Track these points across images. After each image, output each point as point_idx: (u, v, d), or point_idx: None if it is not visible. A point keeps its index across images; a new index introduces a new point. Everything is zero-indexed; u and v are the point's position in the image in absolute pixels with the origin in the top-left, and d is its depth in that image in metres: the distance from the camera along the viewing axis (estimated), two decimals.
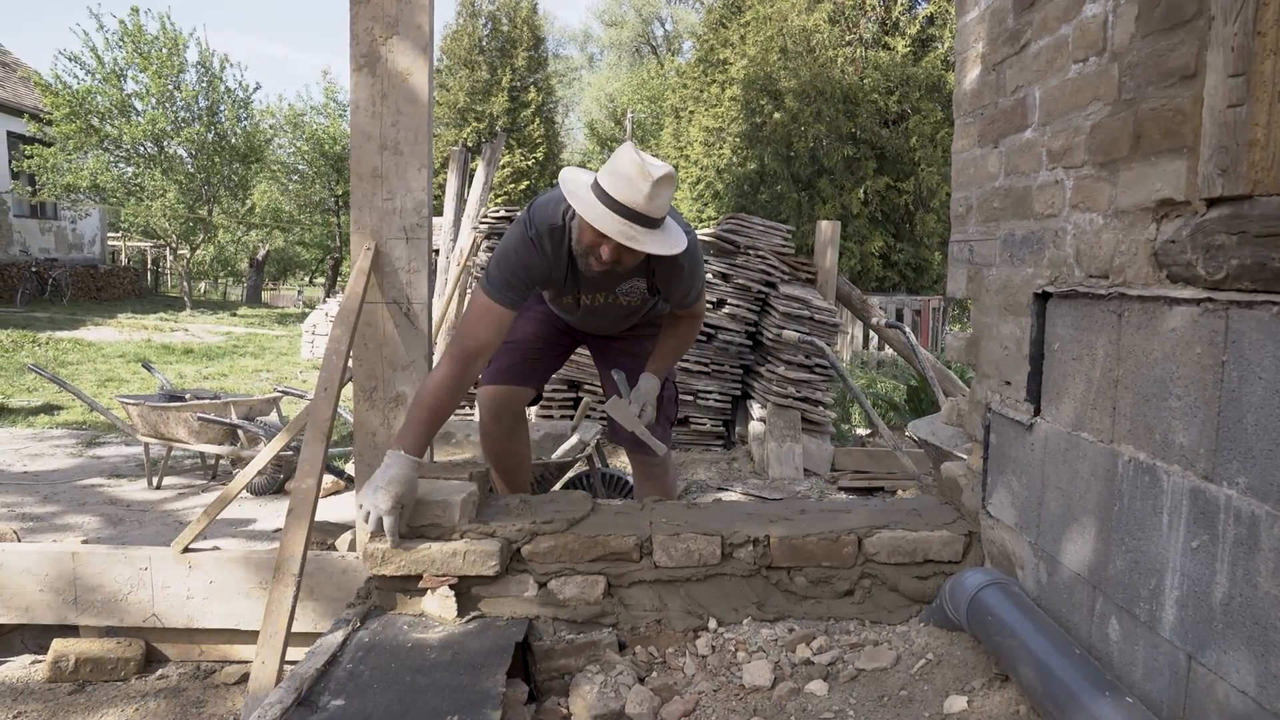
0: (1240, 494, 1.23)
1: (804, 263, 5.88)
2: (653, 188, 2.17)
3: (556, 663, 2.07)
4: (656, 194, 2.19)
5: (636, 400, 2.70)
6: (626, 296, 2.62)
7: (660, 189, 2.19)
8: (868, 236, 15.76)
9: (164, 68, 16.97)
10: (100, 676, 2.81)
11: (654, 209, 2.21)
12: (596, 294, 2.61)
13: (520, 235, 2.40)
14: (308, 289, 29.16)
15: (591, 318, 2.75)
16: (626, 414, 2.69)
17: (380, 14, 2.59)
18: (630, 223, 2.19)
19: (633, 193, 2.17)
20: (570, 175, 2.32)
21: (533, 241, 2.38)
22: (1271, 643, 1.18)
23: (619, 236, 2.19)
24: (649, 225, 2.23)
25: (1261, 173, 1.22)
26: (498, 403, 2.78)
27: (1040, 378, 1.84)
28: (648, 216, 2.21)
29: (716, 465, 5.32)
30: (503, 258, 2.40)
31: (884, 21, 16.69)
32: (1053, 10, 1.76)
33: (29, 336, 11.07)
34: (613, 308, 2.67)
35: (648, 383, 2.72)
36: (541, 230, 2.39)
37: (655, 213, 2.22)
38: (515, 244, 2.40)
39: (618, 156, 2.23)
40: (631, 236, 2.20)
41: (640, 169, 2.17)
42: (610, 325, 2.81)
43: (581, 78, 38.42)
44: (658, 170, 2.19)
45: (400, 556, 2.11)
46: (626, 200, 2.17)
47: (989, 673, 1.80)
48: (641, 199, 2.17)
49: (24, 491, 4.57)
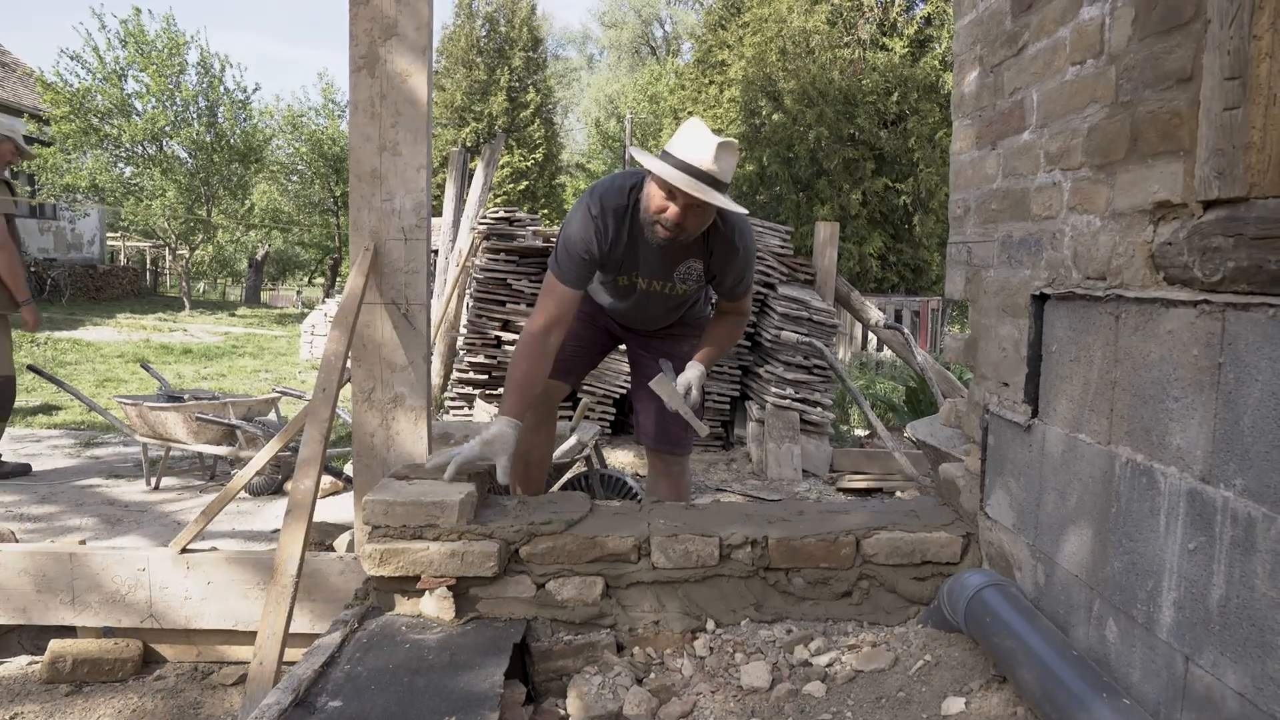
0: (1237, 496, 1.24)
1: (803, 264, 5.88)
2: (718, 149, 2.35)
3: (554, 664, 2.07)
4: (721, 155, 2.36)
5: (683, 383, 2.72)
6: (683, 282, 2.68)
7: (724, 152, 2.37)
8: (866, 237, 15.77)
9: (164, 67, 16.98)
10: (98, 677, 2.80)
11: (719, 170, 2.37)
12: (654, 280, 2.67)
13: (583, 215, 2.54)
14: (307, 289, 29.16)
15: (641, 308, 2.78)
16: (672, 391, 2.69)
17: (379, 15, 2.59)
18: (697, 180, 2.35)
19: (700, 153, 2.35)
20: (639, 151, 2.53)
21: (597, 220, 2.52)
22: (1268, 644, 1.18)
23: (688, 187, 2.33)
24: (714, 186, 2.37)
25: (1258, 175, 1.22)
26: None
27: (1038, 379, 1.84)
28: (713, 177, 2.36)
29: (715, 466, 5.32)
30: (567, 239, 2.54)
31: (882, 23, 16.71)
32: (1050, 13, 1.76)
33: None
34: (666, 297, 2.72)
35: (694, 369, 2.76)
36: (606, 207, 2.53)
37: (720, 175, 2.38)
38: (579, 224, 2.53)
39: (685, 127, 2.44)
40: (699, 189, 2.34)
41: (706, 134, 2.38)
42: (658, 318, 2.85)
43: (581, 79, 38.43)
44: (721, 137, 2.39)
45: (399, 557, 2.11)
46: (694, 160, 2.35)
47: (987, 674, 1.80)
48: (709, 158, 2.34)
49: (22, 491, 4.57)
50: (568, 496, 2.44)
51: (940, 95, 15.56)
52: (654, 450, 3.00)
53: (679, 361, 2.80)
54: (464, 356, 5.91)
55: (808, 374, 5.21)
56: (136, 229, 20.35)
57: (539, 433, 2.85)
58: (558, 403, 2.91)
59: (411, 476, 2.43)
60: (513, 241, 5.90)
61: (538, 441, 2.86)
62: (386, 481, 2.39)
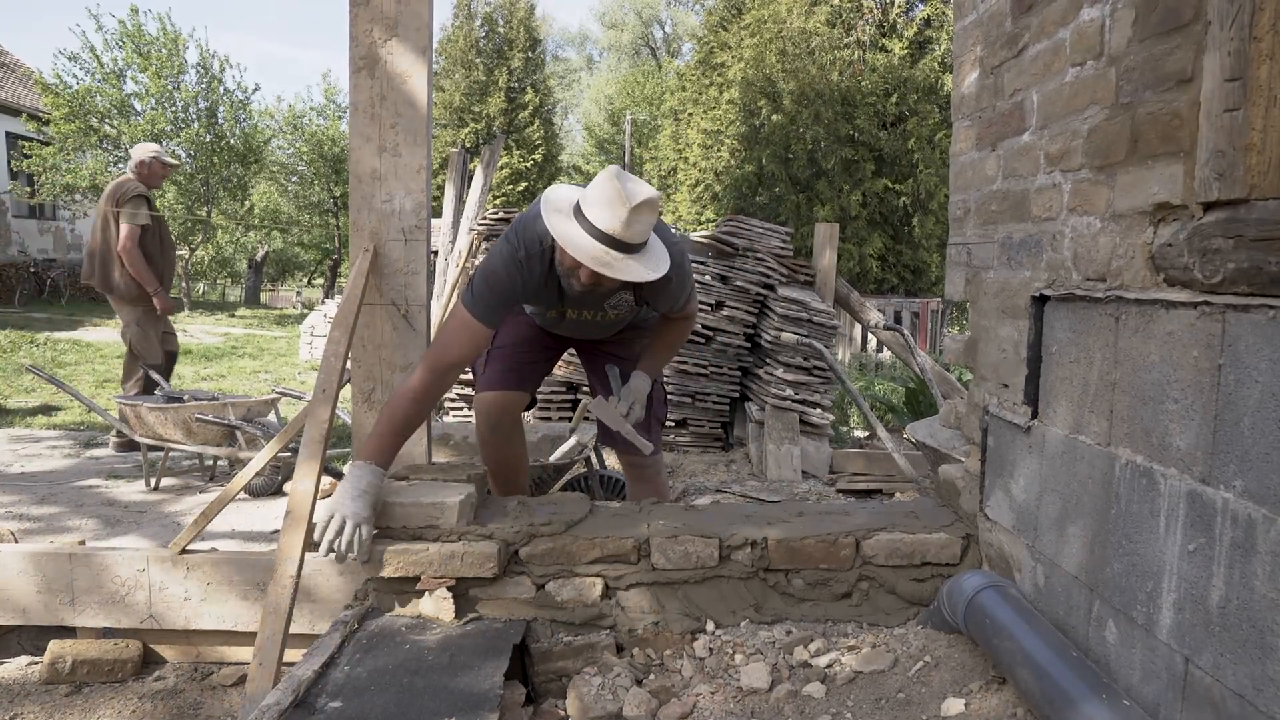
0: (1237, 497, 1.24)
1: (802, 265, 5.88)
2: (630, 214, 2.14)
3: (554, 665, 2.07)
4: (635, 220, 2.16)
5: (625, 398, 2.68)
6: (615, 310, 2.63)
7: (639, 215, 2.16)
8: (866, 238, 15.79)
9: (164, 68, 16.98)
10: (97, 678, 2.80)
11: (632, 235, 2.18)
12: (583, 310, 2.61)
13: (508, 256, 2.36)
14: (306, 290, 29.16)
15: (576, 330, 2.76)
16: (611, 413, 2.66)
17: (380, 16, 2.59)
18: (608, 249, 2.16)
19: (610, 219, 2.15)
20: (554, 195, 2.30)
21: (521, 263, 2.36)
22: (1268, 646, 1.18)
23: (594, 264, 2.16)
24: (628, 251, 2.20)
25: (1258, 177, 1.22)
26: (496, 409, 2.78)
27: (1038, 380, 1.84)
28: (626, 243, 2.18)
29: (714, 467, 5.32)
30: (490, 276, 2.36)
31: (881, 24, 16.72)
32: (1050, 14, 1.76)
33: (27, 337, 11.05)
34: (598, 323, 2.68)
35: (638, 380, 2.69)
36: (531, 251, 2.36)
37: (634, 239, 2.19)
38: (503, 264, 2.36)
39: (597, 182, 2.20)
40: (607, 263, 2.17)
41: (619, 195, 2.14)
42: (598, 334, 2.82)
43: (580, 80, 38.43)
44: (636, 197, 2.15)
45: (398, 558, 2.10)
46: (604, 226, 2.15)
47: (986, 675, 1.80)
48: (619, 225, 2.15)
49: (21, 492, 4.56)
50: (567, 498, 2.44)
51: (940, 96, 15.58)
52: (622, 455, 3.00)
53: (631, 364, 2.76)
54: None
55: (807, 375, 5.21)
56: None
57: (511, 444, 2.83)
58: (519, 412, 2.85)
59: (411, 477, 2.43)
60: None
61: (514, 453, 2.84)
62: (386, 483, 2.39)
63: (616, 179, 2.17)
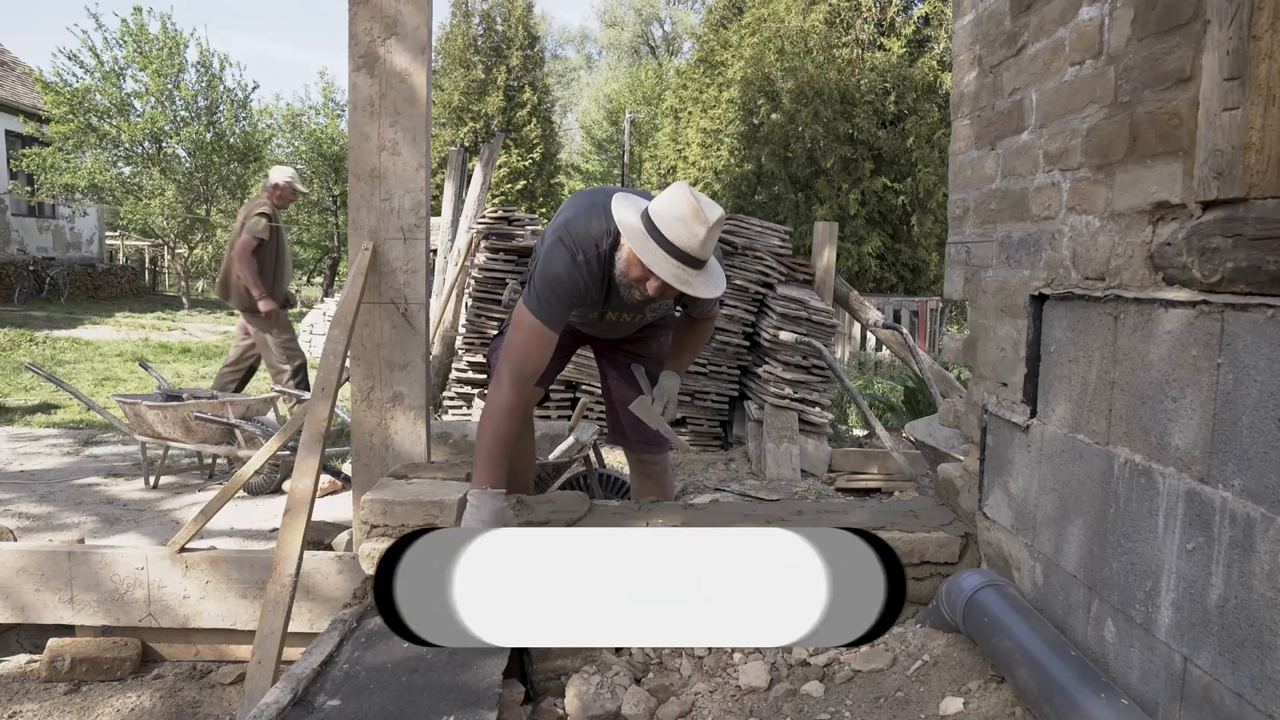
0: (1236, 496, 1.24)
1: (801, 264, 5.88)
2: (708, 233, 2.19)
3: (553, 663, 2.07)
4: (710, 238, 2.21)
5: (660, 398, 2.71)
6: (654, 312, 2.65)
7: (714, 233, 2.22)
8: (865, 237, 15.78)
9: (164, 66, 16.96)
10: (96, 676, 2.80)
11: (705, 253, 2.23)
12: (624, 312, 2.61)
13: (568, 259, 2.34)
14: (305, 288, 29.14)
15: (608, 330, 2.77)
16: (652, 413, 2.69)
17: (379, 15, 2.59)
18: (683, 266, 2.21)
19: (688, 237, 2.19)
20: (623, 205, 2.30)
21: (581, 266, 2.36)
22: (1266, 645, 1.18)
23: (674, 281, 2.21)
24: (699, 267, 2.25)
25: (1257, 176, 1.22)
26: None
27: (1037, 379, 1.84)
28: (699, 259, 2.23)
29: (714, 466, 5.32)
30: (553, 281, 2.34)
31: (880, 22, 16.71)
32: (1050, 13, 1.76)
33: (26, 335, 11.05)
34: (634, 322, 2.70)
35: (670, 380, 2.73)
36: (589, 255, 2.36)
37: (705, 256, 2.25)
38: (565, 268, 2.35)
39: (674, 198, 2.23)
40: (685, 281, 2.22)
41: (695, 212, 2.18)
42: (624, 333, 2.83)
43: (580, 78, 38.42)
44: (712, 214, 2.20)
45: None
46: (681, 244, 2.19)
47: (985, 674, 1.80)
48: (696, 244, 2.19)
49: (20, 490, 4.56)
50: (566, 496, 2.44)
51: (938, 95, 15.57)
52: (632, 451, 3.00)
53: (649, 362, 2.79)
54: (462, 356, 5.91)
55: (806, 374, 5.21)
56: (135, 228, 20.31)
57: (521, 440, 2.82)
58: (532, 408, 2.85)
59: (410, 476, 2.43)
60: (511, 241, 5.90)
61: (521, 449, 2.83)
62: (385, 481, 2.39)
63: (692, 196, 2.21)
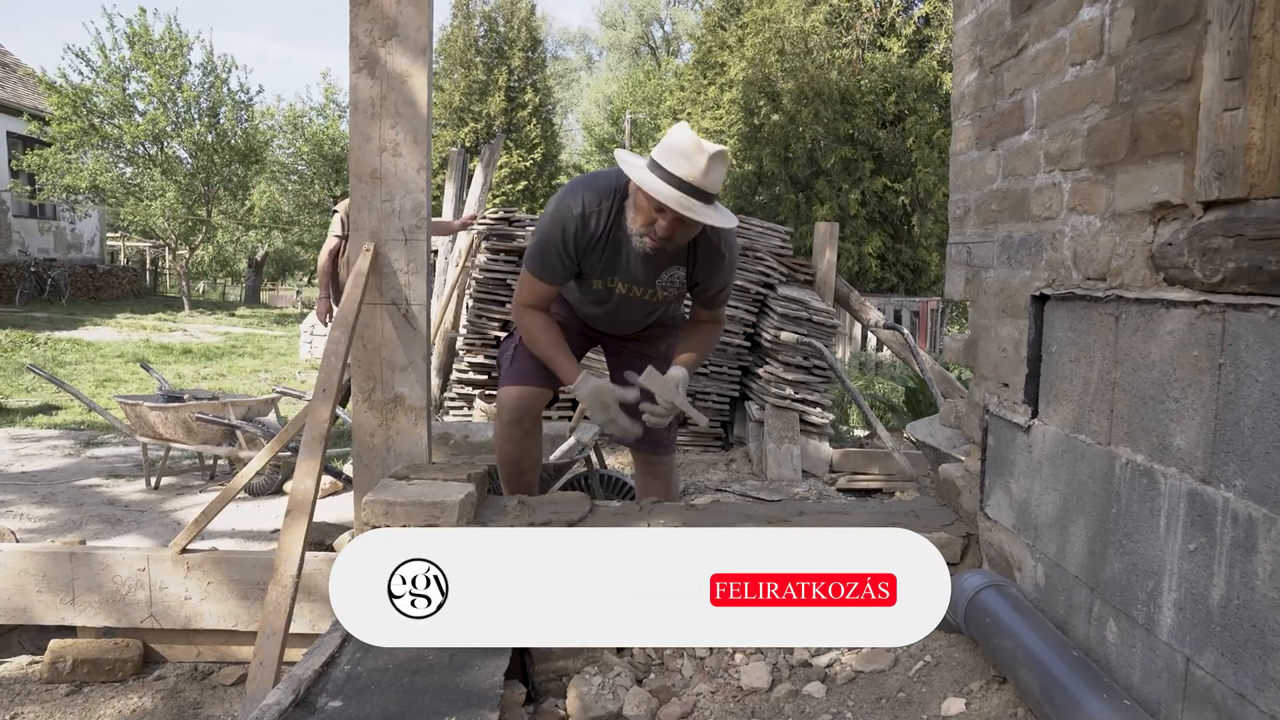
0: (1237, 496, 1.24)
1: (802, 264, 5.88)
2: (709, 162, 2.27)
3: (554, 664, 2.07)
4: (712, 168, 2.29)
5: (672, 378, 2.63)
6: (665, 289, 2.64)
7: (715, 164, 2.29)
8: (865, 237, 15.78)
9: (167, 68, 16.97)
10: (98, 677, 2.80)
11: (709, 183, 2.30)
12: (634, 286, 2.62)
13: (564, 213, 2.46)
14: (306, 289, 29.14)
15: (618, 313, 2.75)
16: (664, 384, 2.55)
17: (380, 16, 2.59)
18: (688, 195, 2.29)
19: (690, 167, 2.27)
20: (626, 156, 2.43)
21: (579, 220, 2.46)
22: (1269, 645, 1.18)
23: (678, 207, 2.28)
24: (705, 200, 2.32)
25: (1258, 176, 1.22)
26: (520, 404, 2.76)
27: (1038, 380, 1.84)
28: (704, 190, 2.30)
29: (714, 466, 5.32)
30: (545, 236, 2.50)
31: (880, 23, 16.71)
32: (1050, 13, 1.76)
33: (27, 336, 11.06)
34: (645, 303, 2.68)
35: (678, 370, 2.68)
36: (589, 210, 2.46)
37: (710, 187, 2.32)
38: (558, 221, 2.47)
39: (674, 135, 2.33)
40: (690, 207, 2.29)
41: (696, 145, 2.28)
42: (634, 322, 2.82)
43: (580, 79, 38.42)
44: (712, 147, 2.29)
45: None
46: (684, 175, 2.28)
47: (987, 675, 1.80)
48: (698, 173, 2.27)
49: (22, 492, 4.57)
50: (568, 497, 2.44)
51: (938, 95, 15.57)
52: (638, 452, 3.00)
53: (658, 362, 2.75)
54: (464, 357, 5.91)
55: (807, 374, 5.21)
56: (136, 229, 20.31)
57: (528, 440, 2.82)
58: (542, 409, 2.85)
59: (411, 477, 2.43)
60: (512, 241, 5.90)
61: (528, 449, 2.83)
62: (386, 482, 2.39)
63: (691, 133, 2.32)
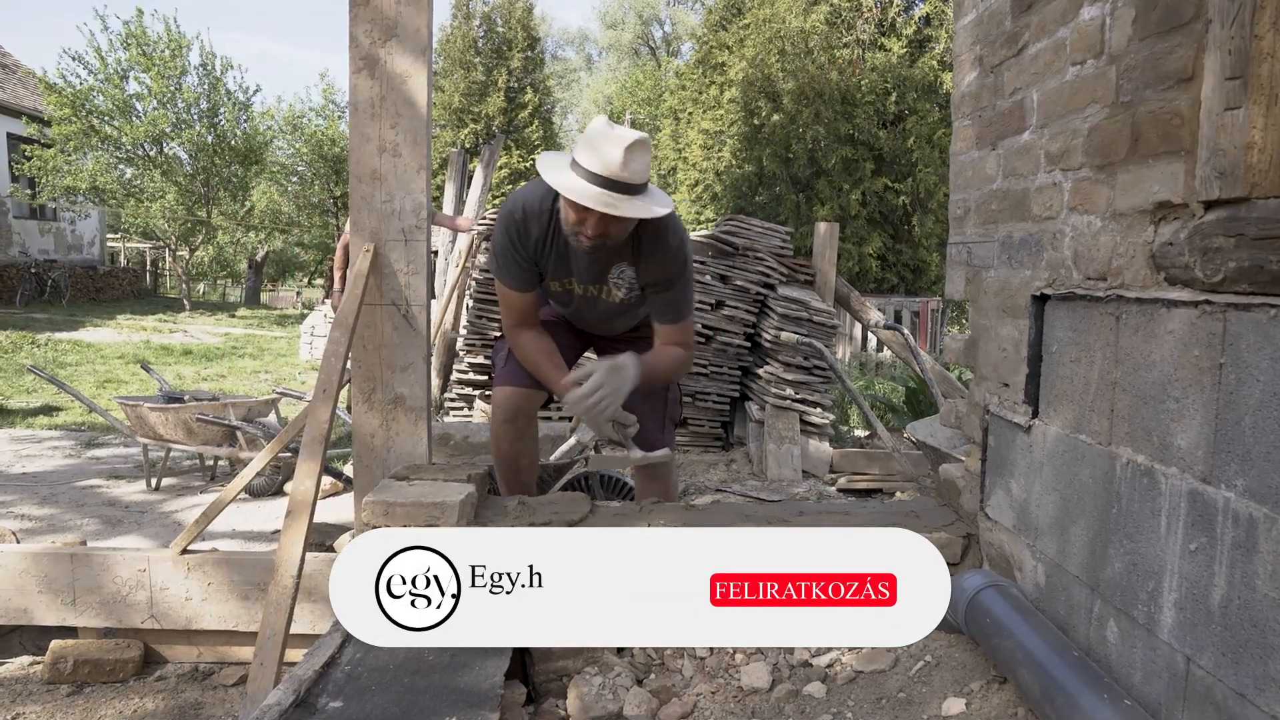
0: (1238, 496, 1.23)
1: (802, 264, 5.88)
2: (625, 153, 2.19)
3: (555, 664, 2.06)
4: (631, 159, 2.20)
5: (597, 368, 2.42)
6: (618, 287, 2.61)
7: (635, 153, 2.21)
8: (866, 238, 15.77)
9: (166, 69, 16.97)
10: (99, 678, 2.80)
11: (631, 174, 2.22)
12: (589, 285, 2.61)
13: (507, 220, 2.49)
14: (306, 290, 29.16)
15: (586, 313, 2.75)
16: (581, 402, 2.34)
17: (379, 17, 2.59)
18: (608, 190, 2.20)
19: (607, 161, 2.19)
20: (547, 156, 2.38)
21: (519, 224, 2.47)
22: (1270, 645, 1.18)
23: (598, 204, 2.20)
24: (629, 192, 2.23)
25: (1259, 175, 1.22)
26: (513, 405, 2.76)
27: (1038, 380, 1.84)
28: (626, 183, 2.21)
29: (715, 467, 5.32)
30: (495, 244, 2.54)
31: (880, 23, 16.70)
32: (1050, 13, 1.76)
33: (28, 337, 11.06)
34: (606, 302, 2.67)
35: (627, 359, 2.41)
36: (529, 213, 2.45)
37: (633, 178, 2.23)
38: (500, 229, 2.50)
39: (590, 129, 2.27)
40: (610, 203, 2.20)
41: (611, 135, 2.21)
42: (605, 321, 2.80)
43: (580, 79, 38.41)
44: (629, 136, 2.21)
45: None
46: (602, 170, 2.20)
47: (987, 675, 1.80)
48: (617, 165, 2.19)
49: (22, 492, 4.57)
50: (568, 497, 2.44)
51: (939, 95, 15.56)
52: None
53: None
54: (464, 357, 5.91)
55: (807, 374, 5.21)
56: (137, 230, 20.32)
57: (523, 439, 2.81)
58: (536, 409, 2.84)
59: (411, 477, 2.43)
60: None
61: (523, 448, 2.83)
62: (386, 482, 2.39)
63: (608, 124, 2.25)
